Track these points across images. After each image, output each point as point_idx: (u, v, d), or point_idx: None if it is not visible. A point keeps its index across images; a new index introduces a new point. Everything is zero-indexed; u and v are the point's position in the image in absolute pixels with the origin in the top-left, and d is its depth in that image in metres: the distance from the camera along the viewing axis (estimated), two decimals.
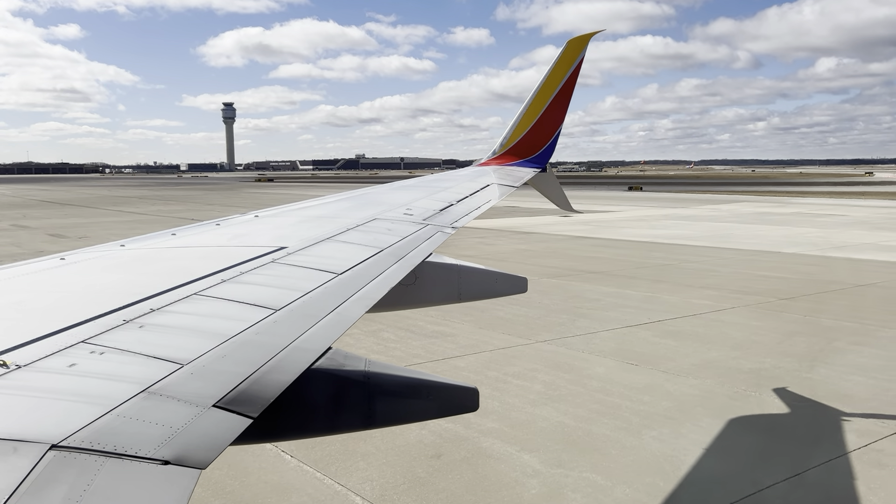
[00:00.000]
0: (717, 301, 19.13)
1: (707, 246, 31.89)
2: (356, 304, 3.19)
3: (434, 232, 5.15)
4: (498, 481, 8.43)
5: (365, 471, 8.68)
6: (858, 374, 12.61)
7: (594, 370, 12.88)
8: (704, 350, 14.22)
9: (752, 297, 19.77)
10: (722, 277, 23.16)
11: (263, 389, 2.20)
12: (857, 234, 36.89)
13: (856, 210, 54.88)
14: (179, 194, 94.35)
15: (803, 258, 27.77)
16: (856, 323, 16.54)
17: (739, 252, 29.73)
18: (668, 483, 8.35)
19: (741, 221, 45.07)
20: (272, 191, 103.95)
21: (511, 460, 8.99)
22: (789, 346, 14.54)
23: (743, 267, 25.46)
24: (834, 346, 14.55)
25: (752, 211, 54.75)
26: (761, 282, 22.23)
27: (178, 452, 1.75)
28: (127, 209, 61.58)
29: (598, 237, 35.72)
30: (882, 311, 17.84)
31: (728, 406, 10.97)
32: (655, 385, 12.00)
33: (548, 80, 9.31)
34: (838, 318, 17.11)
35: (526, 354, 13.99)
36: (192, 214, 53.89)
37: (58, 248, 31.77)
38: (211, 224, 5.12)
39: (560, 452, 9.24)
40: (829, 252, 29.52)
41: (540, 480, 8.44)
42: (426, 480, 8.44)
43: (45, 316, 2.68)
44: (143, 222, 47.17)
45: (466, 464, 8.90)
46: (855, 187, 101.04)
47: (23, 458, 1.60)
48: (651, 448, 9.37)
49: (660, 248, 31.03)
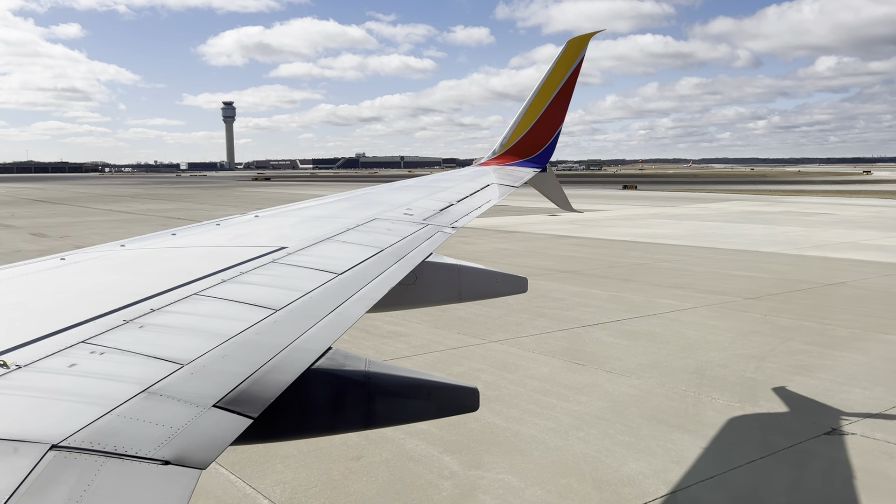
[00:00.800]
0: (680, 301, 19.07)
1: (686, 245, 31.82)
2: (356, 304, 3.20)
3: (434, 232, 5.18)
4: (412, 483, 8.39)
5: (281, 473, 8.64)
6: (804, 374, 12.56)
7: (539, 370, 12.83)
8: (655, 350, 14.17)
9: (717, 296, 19.71)
10: (692, 277, 23.10)
11: (263, 389, 2.20)
12: (840, 232, 36.81)
13: (845, 209, 54.77)
14: (173, 193, 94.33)
15: (779, 257, 27.70)
16: (815, 323, 16.48)
17: (717, 251, 29.66)
18: (582, 484, 8.31)
19: (728, 220, 44.99)
20: (266, 189, 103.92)
21: (431, 462, 8.95)
22: (741, 346, 14.49)
23: (716, 266, 25.39)
24: (787, 345, 14.49)
25: (742, 210, 54.66)
26: (731, 281, 22.17)
27: (179, 452, 1.75)
28: (117, 208, 61.57)
29: (581, 236, 35.63)
30: (844, 311, 17.78)
31: (662, 406, 10.92)
32: (596, 385, 11.95)
33: (548, 80, 9.32)
34: (799, 317, 17.05)
35: (476, 354, 13.94)
36: (181, 213, 53.88)
37: (38, 247, 31.80)
38: (211, 224, 5.14)
39: (483, 454, 9.20)
40: (807, 251, 29.45)
41: (454, 482, 8.40)
42: (340, 483, 8.40)
43: (46, 316, 2.69)
44: (130, 221, 47.13)
45: (385, 466, 8.85)
46: (851, 186, 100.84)
47: (23, 459, 1.60)
48: (575, 449, 9.32)
49: (638, 248, 30.96)
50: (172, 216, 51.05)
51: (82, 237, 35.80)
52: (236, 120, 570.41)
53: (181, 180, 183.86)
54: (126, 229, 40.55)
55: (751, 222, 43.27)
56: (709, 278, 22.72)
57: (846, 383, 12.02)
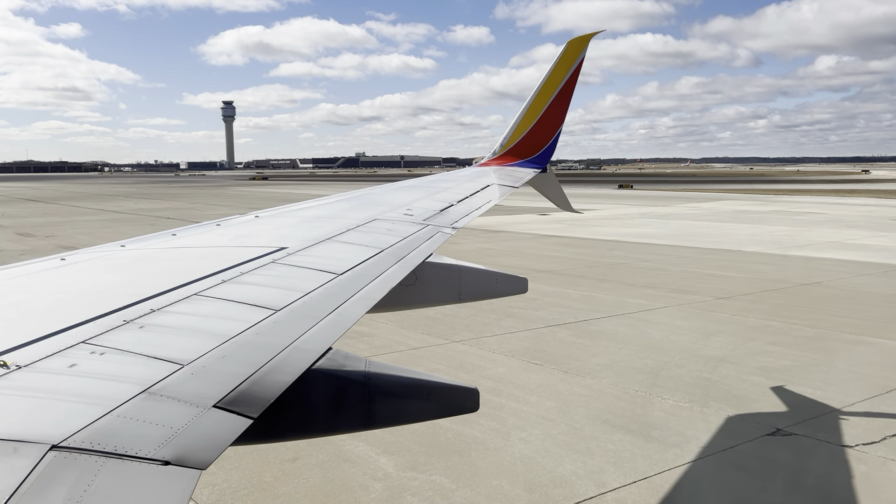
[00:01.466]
0: (651, 300, 19.01)
1: (669, 244, 31.77)
2: (357, 305, 3.20)
3: (434, 232, 5.19)
4: (343, 485, 8.34)
5: (213, 475, 8.58)
6: (760, 374, 12.50)
7: (495, 370, 12.78)
8: (615, 349, 14.12)
9: (689, 296, 19.64)
10: (668, 276, 23.03)
11: (264, 390, 2.21)
12: (827, 232, 36.75)
13: (836, 208, 54.68)
14: (167, 192, 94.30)
15: (761, 256, 27.64)
16: (781, 323, 16.42)
17: (699, 251, 29.60)
18: (513, 486, 8.26)
19: (716, 220, 44.92)
20: (262, 189, 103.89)
21: (367, 464, 8.90)
22: (703, 346, 14.43)
23: (695, 266, 25.33)
24: (749, 346, 14.43)
25: (733, 209, 54.57)
26: (706, 281, 22.11)
27: (179, 453, 1.75)
28: (109, 207, 61.54)
29: (566, 236, 35.58)
30: (812, 311, 17.72)
31: (611, 407, 10.86)
32: (549, 385, 11.90)
33: (548, 81, 9.30)
34: (767, 317, 16.99)
35: (436, 355, 13.89)
36: (172, 213, 53.87)
37: (21, 247, 31.78)
38: (211, 224, 5.15)
39: (420, 455, 9.15)
40: (790, 251, 29.39)
41: (385, 484, 8.35)
42: (270, 485, 8.36)
43: (46, 316, 2.69)
44: (119, 221, 47.08)
45: (320, 468, 8.81)
46: (848, 185, 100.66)
47: (23, 459, 1.60)
48: (514, 450, 9.27)
49: (621, 247, 30.90)
50: (162, 216, 51.03)
51: (68, 237, 35.78)
52: (237, 119, 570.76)
53: (178, 180, 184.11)
54: (113, 229, 40.53)
55: (739, 222, 43.20)
56: (684, 278, 22.66)
57: (800, 384, 11.96)
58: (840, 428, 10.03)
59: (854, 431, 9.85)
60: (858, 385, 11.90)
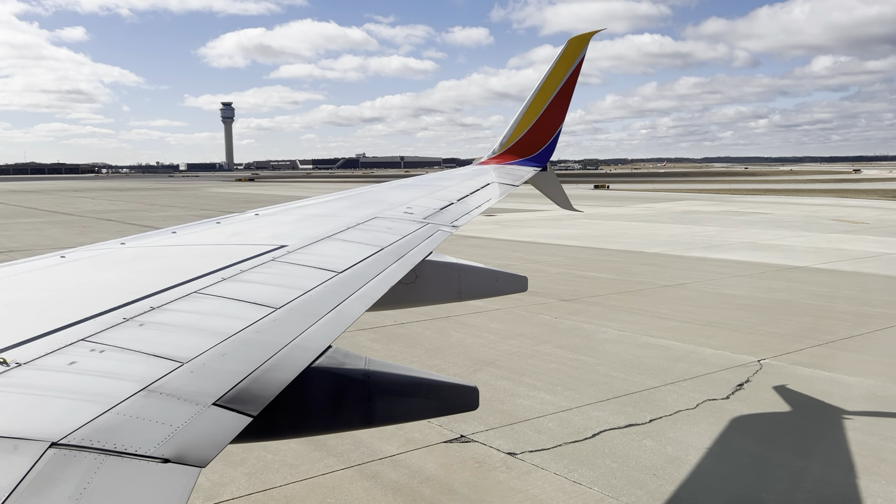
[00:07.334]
0: (489, 302, 18.80)
1: (577, 245, 31.66)
2: (356, 303, 3.19)
3: (434, 231, 5.18)
4: None
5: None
6: (515, 376, 12.36)
7: None
8: (400, 353, 14.00)
9: (537, 297, 19.47)
10: (537, 278, 22.84)
11: (263, 388, 2.20)
12: (752, 232, 36.53)
13: (787, 208, 54.45)
14: (137, 194, 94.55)
15: (654, 258, 27.43)
16: (594, 326, 16.23)
17: (599, 251, 29.48)
18: None
19: (654, 221, 44.64)
20: (236, 190, 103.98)
21: None
22: (491, 348, 14.26)
23: (576, 268, 25.12)
24: (537, 348, 14.28)
25: (682, 210, 54.29)
26: (572, 283, 21.95)
27: (178, 451, 1.75)
28: (63, 208, 61.65)
29: (486, 237, 35.40)
30: (639, 314, 17.52)
31: None
32: None
33: (548, 80, 9.28)
34: (590, 318, 16.83)
35: None
36: (115, 216, 53.89)
37: None
38: (211, 222, 5.15)
39: None
40: (691, 252, 29.16)
41: None
42: None
43: (45, 314, 2.68)
44: (52, 224, 47.16)
45: None
46: (831, 185, 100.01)
47: (23, 456, 1.60)
48: None
49: (525, 248, 30.80)
50: (104, 218, 51.07)
51: None
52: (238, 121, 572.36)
53: (168, 181, 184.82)
54: (42, 231, 40.64)
55: (676, 222, 42.97)
56: (551, 280, 22.45)
57: (540, 388, 11.80)
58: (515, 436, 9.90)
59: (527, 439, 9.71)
60: (602, 390, 11.74)
